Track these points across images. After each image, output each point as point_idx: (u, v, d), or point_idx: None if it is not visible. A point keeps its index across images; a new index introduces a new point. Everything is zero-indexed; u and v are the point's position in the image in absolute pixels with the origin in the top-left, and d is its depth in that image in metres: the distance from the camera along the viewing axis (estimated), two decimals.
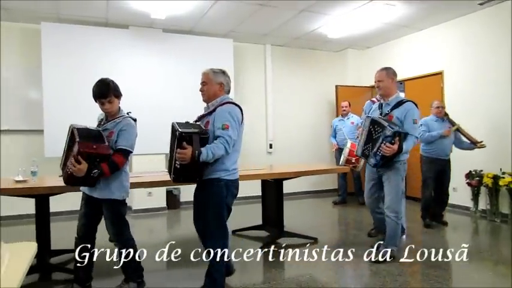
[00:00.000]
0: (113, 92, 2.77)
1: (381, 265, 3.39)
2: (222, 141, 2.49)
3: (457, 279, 3.20)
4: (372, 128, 3.30)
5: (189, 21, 5.87)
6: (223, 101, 2.67)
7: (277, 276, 3.22)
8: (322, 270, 3.37)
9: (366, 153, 3.38)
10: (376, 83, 3.47)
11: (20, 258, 1.47)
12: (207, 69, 2.73)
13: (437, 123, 4.83)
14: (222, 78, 2.73)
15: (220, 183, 2.63)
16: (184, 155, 2.38)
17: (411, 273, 3.21)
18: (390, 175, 3.43)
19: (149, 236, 4.78)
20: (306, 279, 3.14)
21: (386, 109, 3.43)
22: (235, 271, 3.05)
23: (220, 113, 2.58)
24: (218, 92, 2.70)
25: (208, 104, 2.71)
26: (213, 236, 2.67)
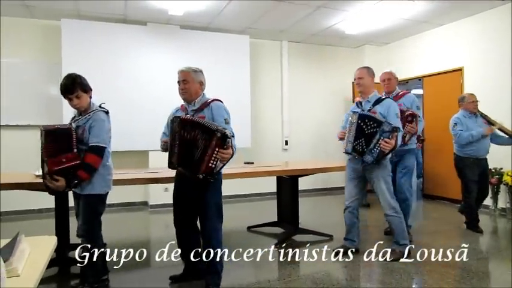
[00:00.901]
0: (80, 86, 2.66)
1: (396, 263, 3.35)
2: (233, 134, 2.59)
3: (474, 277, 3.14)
4: (363, 123, 3.28)
5: (206, 18, 5.89)
6: (208, 99, 2.78)
7: (293, 273, 3.22)
8: (337, 268, 3.36)
9: (358, 149, 3.33)
10: (357, 80, 3.49)
11: (40, 251, 1.50)
12: (186, 68, 2.77)
13: (470, 120, 4.39)
14: (202, 77, 2.81)
15: (219, 176, 2.73)
16: (229, 155, 2.45)
17: (428, 272, 3.16)
18: (379, 173, 3.40)
19: (165, 231, 4.84)
20: (322, 276, 3.13)
21: (367, 106, 3.44)
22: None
23: (219, 109, 2.69)
24: (199, 90, 2.77)
25: (194, 102, 2.76)
26: (217, 233, 2.73)
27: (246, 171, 3.91)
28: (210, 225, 2.72)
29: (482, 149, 4.33)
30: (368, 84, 3.49)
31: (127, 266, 3.41)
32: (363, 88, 3.49)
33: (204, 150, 2.44)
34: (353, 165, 3.55)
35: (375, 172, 3.41)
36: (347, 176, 3.64)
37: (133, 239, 4.38)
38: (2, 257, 1.18)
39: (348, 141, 3.38)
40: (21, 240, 1.42)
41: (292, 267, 3.34)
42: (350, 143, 3.36)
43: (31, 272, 1.30)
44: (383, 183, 3.41)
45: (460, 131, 4.33)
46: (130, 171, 3.94)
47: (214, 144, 2.40)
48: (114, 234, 4.43)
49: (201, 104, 2.75)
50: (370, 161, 3.29)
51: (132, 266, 3.41)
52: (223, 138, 2.39)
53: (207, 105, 2.73)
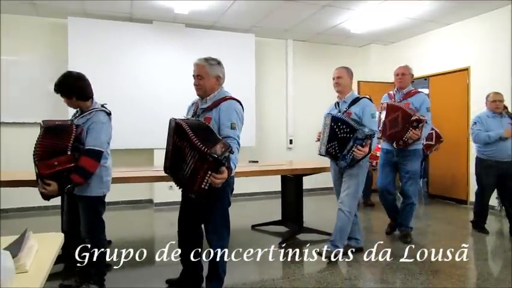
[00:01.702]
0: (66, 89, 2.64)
1: (401, 262, 3.36)
2: (235, 144, 2.37)
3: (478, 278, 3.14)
4: (335, 126, 3.24)
5: (211, 16, 5.90)
6: (223, 95, 2.56)
7: (297, 271, 3.22)
8: (341, 267, 3.36)
9: (331, 151, 3.30)
10: (336, 79, 3.44)
11: (47, 248, 1.52)
12: (201, 61, 2.57)
13: (494, 120, 4.11)
14: (219, 70, 2.59)
15: (229, 183, 2.53)
16: (222, 180, 2.19)
17: (433, 272, 3.16)
18: (353, 171, 3.36)
19: (170, 229, 4.86)
20: (326, 275, 3.14)
21: (343, 107, 3.39)
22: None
23: (227, 111, 2.46)
24: (215, 85, 2.56)
25: (206, 99, 2.56)
26: (221, 236, 2.57)
27: (251, 170, 3.92)
28: (215, 232, 2.56)
29: (503, 151, 4.03)
30: (346, 84, 3.44)
31: (130, 264, 3.44)
32: (341, 88, 3.43)
33: (195, 170, 2.20)
34: (333, 166, 3.56)
35: (349, 173, 3.37)
36: (332, 177, 3.63)
37: (138, 237, 4.40)
38: (11, 253, 1.20)
39: (322, 143, 3.35)
40: (29, 237, 1.44)
41: (297, 266, 3.34)
42: (324, 145, 3.33)
43: (39, 268, 1.32)
44: (352, 183, 3.35)
45: (478, 131, 4.11)
46: (136, 169, 3.97)
47: (206, 167, 2.14)
48: (119, 232, 4.46)
49: (213, 102, 2.52)
50: (343, 166, 3.27)
51: (135, 264, 3.44)
52: (217, 163, 2.13)
53: (218, 104, 2.50)
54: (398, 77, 3.92)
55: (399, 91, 3.92)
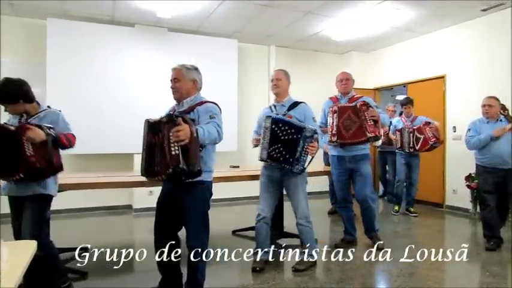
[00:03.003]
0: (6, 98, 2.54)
1: (380, 265, 3.42)
2: (213, 125, 2.39)
3: (453, 280, 3.22)
4: (276, 128, 3.11)
5: (194, 21, 5.90)
6: (200, 100, 2.58)
7: (277, 276, 3.23)
8: (322, 271, 3.40)
9: (276, 156, 3.12)
10: (275, 80, 3.38)
11: (19, 256, 1.47)
12: (178, 65, 2.62)
13: (487, 126, 3.98)
14: (195, 74, 2.63)
15: (203, 186, 2.54)
16: (183, 131, 2.11)
17: (410, 274, 3.22)
18: (297, 180, 3.31)
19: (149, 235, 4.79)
20: (306, 279, 3.16)
21: (282, 110, 3.32)
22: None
23: (205, 109, 2.50)
24: (191, 89, 2.60)
25: (183, 102, 2.59)
26: (201, 241, 2.55)
27: (232, 175, 3.93)
28: (195, 236, 2.53)
29: (499, 157, 3.86)
30: (285, 87, 3.41)
31: (108, 271, 3.38)
32: (280, 90, 3.39)
33: (162, 147, 2.19)
34: (269, 173, 3.37)
35: (294, 179, 3.30)
36: (262, 185, 3.42)
37: (116, 244, 4.33)
38: None
39: (263, 148, 3.14)
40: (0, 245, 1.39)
41: (277, 270, 3.35)
42: (265, 150, 3.13)
43: (9, 276, 1.27)
44: (301, 191, 3.32)
45: (469, 137, 4.03)
46: (115, 174, 3.92)
47: (166, 133, 2.16)
48: (96, 239, 4.38)
49: (189, 106, 2.54)
50: (299, 170, 3.12)
51: (113, 272, 3.38)
52: (169, 118, 2.20)
53: (194, 107, 2.53)
54: (342, 82, 3.90)
55: (344, 96, 3.90)
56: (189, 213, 2.54)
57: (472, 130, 4.07)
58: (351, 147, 3.72)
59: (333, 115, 3.70)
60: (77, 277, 3.19)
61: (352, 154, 3.77)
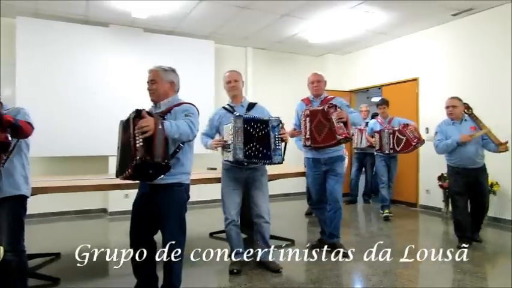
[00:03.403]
0: None
1: (355, 265, 3.46)
2: (185, 120, 2.37)
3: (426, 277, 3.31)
4: (249, 127, 3.07)
5: (170, 22, 5.85)
6: (178, 101, 2.56)
7: (253, 277, 3.23)
8: (298, 271, 3.42)
9: (253, 153, 3.06)
10: (232, 82, 3.37)
11: None
12: (156, 67, 2.59)
13: (452, 128, 3.99)
14: (173, 76, 2.61)
15: (181, 189, 2.50)
16: (147, 122, 2.12)
17: (385, 273, 3.28)
18: (262, 179, 3.36)
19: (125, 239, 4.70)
20: (283, 280, 3.17)
21: (241, 111, 3.32)
22: None
23: (181, 108, 2.47)
24: (169, 91, 2.57)
25: (160, 103, 2.56)
26: (178, 243, 2.49)
27: (209, 177, 3.90)
28: (171, 239, 2.48)
29: (467, 158, 3.88)
30: (241, 88, 3.44)
31: (82, 276, 3.30)
32: (238, 92, 3.40)
33: (128, 141, 2.18)
34: (236, 174, 3.31)
35: (260, 177, 3.35)
36: (227, 188, 3.34)
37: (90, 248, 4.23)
38: None
39: (237, 149, 3.01)
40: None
41: (253, 271, 3.35)
42: (240, 150, 3.01)
43: None
44: (266, 188, 3.39)
45: (437, 141, 4.03)
46: (89, 177, 3.83)
47: (132, 127, 2.16)
48: (69, 244, 4.27)
49: (167, 108, 2.51)
50: (280, 161, 3.14)
51: (87, 277, 3.30)
52: (137, 113, 2.18)
53: (171, 109, 2.49)
54: (314, 84, 3.87)
55: (316, 98, 3.88)
56: (165, 216, 2.49)
57: (439, 133, 4.08)
58: (325, 150, 3.70)
59: (306, 119, 3.67)
60: (48, 284, 3.10)
61: (328, 156, 3.75)
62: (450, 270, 3.46)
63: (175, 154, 2.44)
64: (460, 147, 3.88)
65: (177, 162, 2.45)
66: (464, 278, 3.24)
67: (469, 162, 3.89)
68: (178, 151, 2.45)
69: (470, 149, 3.86)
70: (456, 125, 3.99)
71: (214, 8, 5.22)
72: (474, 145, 3.86)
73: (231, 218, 3.30)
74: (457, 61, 5.65)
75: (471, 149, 3.86)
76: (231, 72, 3.45)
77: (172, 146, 2.43)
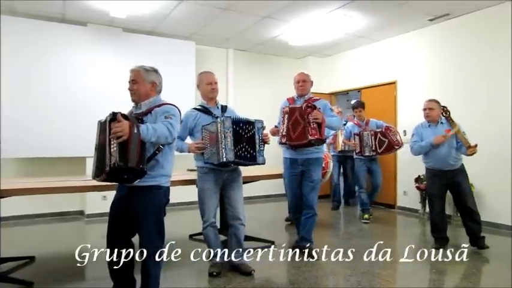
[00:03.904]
0: None
1: (334, 265, 3.50)
2: (164, 123, 2.32)
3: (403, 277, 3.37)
4: (237, 128, 3.09)
5: (150, 22, 5.79)
6: (159, 102, 2.52)
7: (233, 279, 3.22)
8: (278, 273, 3.44)
9: (243, 154, 3.10)
10: (213, 84, 3.37)
11: None
12: (137, 67, 2.56)
13: (428, 130, 4.04)
14: (155, 77, 2.57)
15: (160, 191, 2.46)
16: (121, 127, 2.08)
17: (363, 273, 3.32)
18: (239, 181, 3.39)
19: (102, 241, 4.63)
20: (262, 282, 3.17)
21: (217, 112, 3.33)
22: None
23: (162, 109, 2.43)
24: (150, 91, 2.53)
25: (141, 104, 2.52)
26: (156, 247, 2.46)
27: (188, 178, 3.86)
28: (149, 243, 2.44)
29: (442, 161, 3.92)
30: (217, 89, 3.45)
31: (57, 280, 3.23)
32: (217, 94, 3.41)
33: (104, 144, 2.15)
34: (214, 177, 3.26)
35: (237, 178, 3.37)
36: (207, 191, 3.27)
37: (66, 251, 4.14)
38: None
39: (227, 149, 3.00)
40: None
41: (233, 274, 3.34)
42: (231, 151, 3.01)
43: None
44: (241, 190, 3.40)
45: (413, 143, 4.08)
46: (66, 179, 3.75)
47: (108, 130, 2.12)
48: (45, 247, 4.17)
49: (148, 108, 2.46)
50: (263, 161, 3.19)
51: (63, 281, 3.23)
52: (113, 117, 2.13)
53: (152, 109, 2.45)
54: (299, 84, 3.84)
55: (300, 98, 3.85)
56: (143, 219, 2.44)
57: (415, 135, 4.11)
58: (303, 150, 3.67)
59: (285, 116, 3.65)
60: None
61: (306, 157, 3.73)
62: (426, 270, 3.53)
63: (155, 156, 2.41)
64: (434, 150, 3.92)
65: (156, 164, 2.42)
66: (439, 278, 3.32)
67: (443, 164, 3.93)
68: (158, 153, 2.42)
69: (443, 151, 3.88)
70: (432, 127, 4.03)
71: (195, 9, 5.20)
72: (447, 147, 3.88)
73: (211, 221, 3.27)
74: (434, 65, 5.79)
75: (443, 150, 3.88)
76: (212, 75, 3.42)
77: (152, 148, 2.39)
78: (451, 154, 3.90)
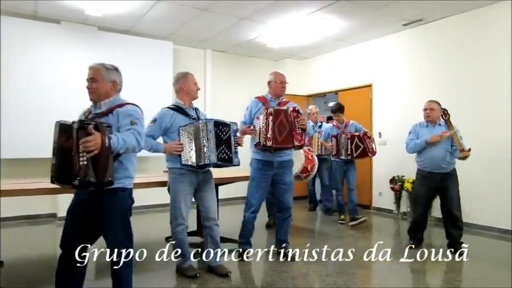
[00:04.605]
0: None
1: (308, 266, 3.53)
2: (132, 132, 2.22)
3: (378, 276, 3.44)
4: (218, 130, 3.15)
5: (126, 21, 5.70)
6: (120, 101, 2.41)
7: (209, 280, 3.20)
8: (255, 274, 3.45)
9: (222, 156, 3.14)
10: (197, 85, 3.40)
11: None
12: (97, 64, 2.46)
13: (426, 130, 4.02)
14: (115, 75, 2.47)
15: (124, 193, 2.37)
16: (93, 141, 1.96)
17: (339, 273, 3.36)
18: (212, 182, 3.39)
19: None
20: (238, 283, 3.18)
21: (194, 114, 3.31)
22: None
23: (126, 112, 2.32)
24: (110, 90, 2.42)
25: (100, 103, 2.39)
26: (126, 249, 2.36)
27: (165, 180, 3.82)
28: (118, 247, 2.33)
29: (433, 162, 3.89)
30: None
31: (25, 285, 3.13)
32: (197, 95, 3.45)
33: (71, 152, 2.02)
34: (190, 178, 3.22)
35: (209, 181, 3.36)
36: (183, 192, 3.21)
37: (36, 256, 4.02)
38: None
39: (210, 151, 3.04)
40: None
41: (210, 275, 3.32)
42: (213, 153, 3.06)
43: None
44: (214, 191, 3.40)
45: (409, 140, 4.06)
46: (37, 180, 3.63)
47: (75, 140, 1.99)
48: (14, 251, 4.03)
49: (108, 108, 2.35)
50: (238, 163, 3.27)
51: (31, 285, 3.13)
52: (82, 126, 2.01)
53: (113, 109, 2.33)
54: (282, 84, 3.83)
55: (275, 99, 3.82)
56: (109, 223, 2.34)
57: (412, 133, 4.09)
58: (279, 152, 3.63)
59: (268, 118, 3.45)
60: None
61: (281, 159, 3.68)
62: (401, 269, 3.60)
63: (118, 157, 2.30)
64: (429, 150, 3.89)
65: (120, 166, 2.32)
66: (412, 276, 3.39)
67: (435, 166, 3.89)
68: (122, 154, 2.31)
69: (437, 153, 3.85)
70: (430, 127, 4.00)
71: (172, 9, 5.16)
72: (442, 150, 3.85)
73: (185, 223, 3.23)
74: (408, 68, 5.94)
75: (438, 152, 3.85)
76: (191, 75, 3.39)
77: None
78: (445, 157, 3.86)
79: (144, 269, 3.50)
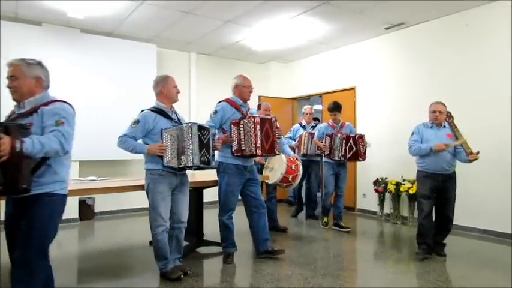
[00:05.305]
0: None
1: (293, 269, 3.55)
2: (55, 134, 2.04)
3: (362, 277, 3.48)
4: (200, 134, 3.16)
5: (109, 23, 5.65)
6: (47, 99, 2.22)
7: (195, 284, 3.18)
8: (241, 278, 3.44)
9: (204, 159, 3.14)
10: (177, 88, 3.44)
11: None
12: (16, 60, 2.27)
13: (430, 131, 3.91)
14: (39, 71, 2.29)
15: (53, 199, 2.14)
16: (2, 145, 1.80)
17: (323, 275, 3.38)
18: (188, 184, 3.41)
19: (58, 250, 4.44)
20: (224, 285, 3.17)
21: (175, 117, 3.36)
22: None
23: (51, 110, 2.13)
24: (34, 88, 2.22)
25: (24, 102, 2.19)
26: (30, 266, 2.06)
27: None
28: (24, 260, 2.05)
29: (436, 164, 3.80)
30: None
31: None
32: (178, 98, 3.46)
33: None
34: (169, 180, 3.20)
35: (186, 183, 3.37)
36: (163, 194, 3.16)
37: None
38: None
39: (193, 154, 3.05)
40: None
41: (195, 279, 3.30)
42: (196, 156, 3.07)
43: None
44: (188, 196, 3.39)
45: (413, 142, 3.92)
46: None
47: None
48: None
49: (33, 107, 2.15)
50: (215, 165, 3.36)
51: None
52: None
53: (38, 108, 2.14)
54: (250, 89, 3.87)
55: (245, 103, 3.86)
56: (26, 230, 2.08)
57: (415, 134, 3.96)
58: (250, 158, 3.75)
59: (256, 126, 3.52)
60: None
61: (251, 164, 3.81)
62: (383, 270, 3.65)
63: (46, 161, 2.11)
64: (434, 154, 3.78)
65: (48, 170, 2.13)
66: (395, 278, 3.43)
67: (437, 167, 3.82)
68: (50, 157, 2.12)
69: (440, 155, 3.76)
70: (434, 129, 3.90)
71: (156, 11, 5.13)
72: (445, 152, 3.77)
73: (165, 224, 3.19)
74: (391, 71, 6.04)
75: (440, 154, 3.76)
76: (173, 79, 3.41)
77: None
78: (447, 159, 3.80)
79: (128, 273, 3.45)
